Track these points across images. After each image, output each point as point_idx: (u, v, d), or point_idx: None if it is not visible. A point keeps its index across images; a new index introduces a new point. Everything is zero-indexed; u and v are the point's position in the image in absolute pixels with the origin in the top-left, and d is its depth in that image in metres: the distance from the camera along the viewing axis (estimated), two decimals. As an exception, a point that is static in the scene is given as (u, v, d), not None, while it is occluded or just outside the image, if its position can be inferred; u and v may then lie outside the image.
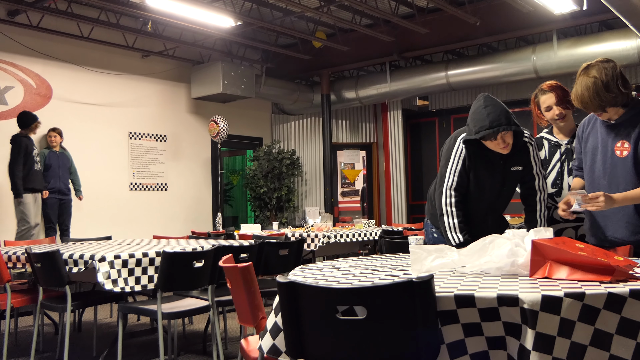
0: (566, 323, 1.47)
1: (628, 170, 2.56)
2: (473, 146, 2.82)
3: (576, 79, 2.59)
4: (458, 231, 2.81)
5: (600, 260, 1.73)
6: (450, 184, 2.83)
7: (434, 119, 10.94)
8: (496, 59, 8.47)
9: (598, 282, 1.67)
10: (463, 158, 2.82)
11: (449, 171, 2.85)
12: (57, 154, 7.36)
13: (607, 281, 1.68)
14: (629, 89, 2.54)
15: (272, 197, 9.70)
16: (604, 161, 2.65)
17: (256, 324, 2.21)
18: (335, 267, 2.31)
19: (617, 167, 2.60)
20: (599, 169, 2.67)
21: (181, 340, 4.79)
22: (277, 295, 1.72)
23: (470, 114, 2.78)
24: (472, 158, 2.83)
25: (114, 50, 8.25)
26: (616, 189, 2.59)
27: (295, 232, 6.31)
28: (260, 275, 4.28)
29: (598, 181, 2.67)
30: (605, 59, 2.57)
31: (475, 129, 2.68)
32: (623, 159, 2.58)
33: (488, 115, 2.66)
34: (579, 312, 1.49)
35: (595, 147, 2.70)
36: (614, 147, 2.62)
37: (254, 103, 10.21)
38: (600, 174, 2.66)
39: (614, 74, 2.51)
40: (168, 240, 4.89)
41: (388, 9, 7.66)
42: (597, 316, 1.50)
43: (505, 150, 2.76)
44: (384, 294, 1.55)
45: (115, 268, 3.38)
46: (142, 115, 8.65)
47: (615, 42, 7.40)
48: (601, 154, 2.67)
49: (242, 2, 7.63)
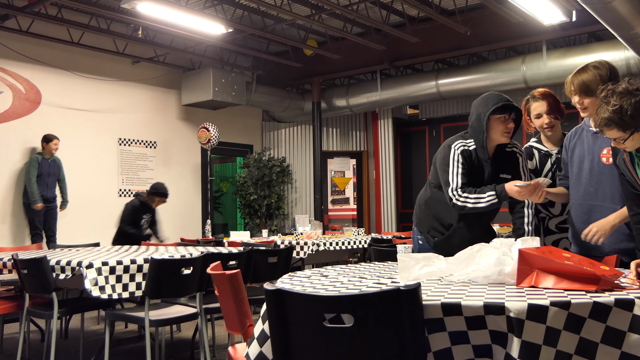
0: (552, 332, 1.48)
1: (614, 177, 2.59)
2: (466, 153, 2.87)
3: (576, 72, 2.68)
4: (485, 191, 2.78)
5: (586, 269, 1.74)
6: (456, 186, 2.82)
7: (424, 128, 10.98)
8: (486, 69, 8.53)
9: (584, 292, 1.68)
10: (462, 162, 2.85)
11: (451, 175, 2.85)
12: (49, 162, 7.33)
13: (593, 290, 1.69)
14: None
15: (262, 205, 9.69)
16: (590, 168, 2.68)
17: (244, 331, 2.20)
18: (324, 275, 2.31)
19: (604, 174, 2.63)
20: (585, 176, 2.70)
21: (169, 347, 4.75)
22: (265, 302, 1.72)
23: (477, 101, 2.91)
24: (467, 162, 2.87)
25: (104, 56, 8.23)
26: (603, 195, 2.62)
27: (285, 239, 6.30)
28: (249, 283, 4.26)
29: (585, 188, 2.70)
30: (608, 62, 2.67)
31: (493, 102, 2.82)
32: (610, 166, 2.61)
33: (503, 96, 2.84)
34: (565, 321, 1.50)
35: (582, 155, 2.73)
36: (600, 155, 2.65)
37: (245, 110, 10.21)
38: (587, 181, 2.69)
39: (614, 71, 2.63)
40: (157, 247, 4.86)
41: (379, 18, 7.70)
42: (583, 325, 1.51)
43: (507, 136, 2.85)
44: (371, 302, 1.55)
45: (102, 275, 3.36)
46: (132, 121, 8.62)
47: (603, 54, 7.47)
48: (588, 162, 2.70)
49: (234, 9, 7.64)
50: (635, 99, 2.09)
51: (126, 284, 3.46)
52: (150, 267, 3.38)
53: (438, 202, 2.99)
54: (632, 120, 2.10)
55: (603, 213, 2.60)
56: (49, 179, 7.35)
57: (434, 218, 3.05)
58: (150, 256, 3.50)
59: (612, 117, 2.12)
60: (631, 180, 2.25)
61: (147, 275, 3.41)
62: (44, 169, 7.28)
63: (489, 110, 2.81)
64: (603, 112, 2.14)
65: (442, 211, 2.98)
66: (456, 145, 2.89)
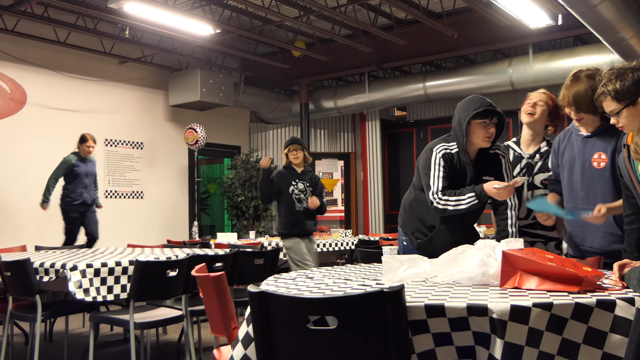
0: (534, 333, 1.49)
1: (605, 181, 2.61)
2: (448, 156, 2.88)
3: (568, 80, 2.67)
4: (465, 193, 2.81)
5: (568, 270, 1.75)
6: (436, 189, 2.84)
7: (412, 130, 11.01)
8: (473, 71, 8.57)
9: (566, 293, 1.69)
10: (443, 165, 2.87)
11: (432, 178, 2.87)
12: (85, 162, 6.96)
13: (575, 291, 1.70)
14: None
15: (250, 206, 9.66)
16: (581, 173, 2.69)
17: (228, 334, 2.19)
18: (309, 276, 2.31)
19: (595, 178, 2.65)
20: (576, 180, 2.71)
21: (154, 350, 4.73)
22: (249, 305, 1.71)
23: (460, 104, 2.90)
24: (449, 166, 2.88)
25: (90, 56, 8.18)
26: (594, 199, 2.63)
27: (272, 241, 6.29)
28: (235, 285, 4.25)
29: (576, 192, 2.71)
30: (595, 68, 2.66)
31: (475, 107, 2.80)
32: (601, 170, 2.63)
33: (485, 100, 2.84)
34: (547, 322, 1.51)
35: (572, 159, 2.74)
36: (591, 159, 2.67)
37: (232, 111, 10.19)
38: (579, 185, 2.70)
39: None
40: (142, 248, 4.84)
41: (367, 20, 7.72)
42: (565, 326, 1.52)
43: (487, 141, 2.85)
44: (354, 304, 1.55)
45: (87, 277, 3.34)
46: (118, 122, 8.57)
47: (589, 57, 7.53)
48: (579, 166, 2.71)
49: (222, 10, 7.62)
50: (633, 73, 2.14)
51: (111, 286, 3.44)
52: (135, 269, 3.36)
53: (422, 204, 3.00)
54: (627, 91, 2.14)
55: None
56: (87, 179, 6.93)
57: (417, 220, 3.07)
58: (136, 258, 3.48)
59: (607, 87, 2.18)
60: (627, 180, 2.26)
61: (132, 278, 3.39)
62: (82, 170, 6.87)
63: (470, 115, 2.81)
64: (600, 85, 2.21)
65: (426, 213, 2.99)
66: (438, 148, 2.90)
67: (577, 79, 2.64)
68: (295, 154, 5.27)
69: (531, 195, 3.13)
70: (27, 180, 7.45)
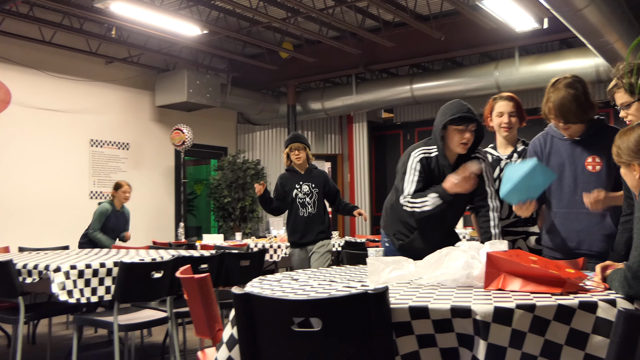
0: (517, 334, 1.50)
1: (602, 184, 2.63)
2: (425, 160, 2.92)
3: (547, 94, 2.65)
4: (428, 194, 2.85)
5: (551, 272, 1.76)
6: (407, 193, 2.90)
7: (399, 132, 11.04)
8: (460, 74, 8.61)
9: (549, 294, 1.70)
10: (419, 170, 2.91)
11: (406, 182, 2.92)
12: (117, 214, 6.48)
13: (558, 293, 1.71)
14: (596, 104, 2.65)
15: (236, 207, 9.64)
16: (574, 177, 2.70)
17: (213, 335, 2.18)
18: (294, 278, 2.30)
19: (591, 182, 2.65)
20: (568, 184, 2.72)
21: (139, 352, 4.70)
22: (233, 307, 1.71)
23: (443, 107, 2.92)
24: (425, 170, 2.92)
25: (76, 56, 8.12)
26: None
27: (259, 242, 6.28)
28: (221, 287, 4.24)
29: (569, 197, 2.72)
30: (574, 75, 2.66)
31: (452, 112, 2.83)
32: (597, 174, 2.65)
33: (464, 106, 2.86)
34: (530, 323, 1.51)
35: (562, 163, 2.74)
36: (584, 163, 2.68)
37: (219, 112, 10.16)
38: (572, 189, 2.71)
39: (587, 89, 2.63)
40: (127, 250, 4.80)
41: (354, 22, 7.73)
42: (547, 327, 1.53)
43: (463, 148, 2.87)
44: (339, 306, 1.55)
45: (70, 279, 3.31)
46: (104, 122, 8.51)
47: (574, 60, 7.60)
48: (570, 170, 2.71)
49: (209, 11, 7.60)
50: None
51: (95, 287, 3.41)
52: (119, 270, 3.34)
53: (402, 206, 3.02)
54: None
55: (590, 220, 2.65)
56: (113, 234, 6.46)
57: (399, 221, 3.10)
58: (120, 260, 3.45)
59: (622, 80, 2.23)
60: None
61: (117, 279, 3.37)
62: (111, 222, 6.40)
63: (445, 120, 2.84)
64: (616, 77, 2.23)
65: (406, 215, 3.02)
66: (416, 153, 2.95)
67: (557, 90, 2.62)
68: (297, 154, 4.85)
69: None
70: (10, 181, 7.38)
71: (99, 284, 3.42)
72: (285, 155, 4.93)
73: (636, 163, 1.93)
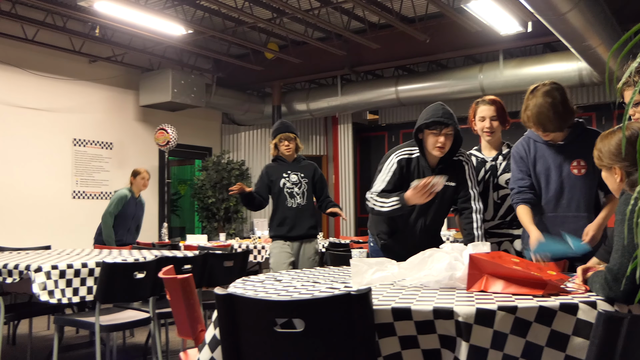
0: (499, 335, 1.51)
1: (588, 187, 2.67)
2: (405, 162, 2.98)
3: (526, 101, 2.66)
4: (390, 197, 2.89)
5: (533, 274, 1.78)
6: (374, 190, 2.99)
7: (384, 134, 11.07)
8: (445, 76, 8.65)
9: (531, 296, 1.71)
10: (394, 171, 2.97)
11: (378, 180, 3.02)
12: (135, 201, 6.27)
13: (540, 295, 1.72)
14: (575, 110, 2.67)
15: (220, 208, 9.60)
16: (560, 181, 2.72)
17: (195, 336, 2.17)
18: (277, 279, 2.30)
19: (576, 185, 2.69)
20: (554, 189, 2.74)
21: (121, 353, 4.66)
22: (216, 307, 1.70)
23: (423, 110, 2.96)
24: (402, 172, 2.97)
25: (59, 54, 8.04)
26: (577, 206, 2.68)
27: (242, 243, 6.26)
28: (205, 287, 4.21)
29: (556, 201, 2.74)
30: (553, 82, 2.67)
31: (427, 116, 2.88)
32: (582, 177, 2.68)
33: (443, 110, 2.89)
34: (512, 324, 1.52)
35: (548, 168, 2.76)
36: (569, 167, 2.70)
37: (204, 112, 10.11)
38: (558, 193, 2.73)
39: (566, 96, 2.63)
40: (110, 250, 4.76)
41: (340, 23, 7.74)
42: (529, 329, 1.54)
43: (439, 151, 2.90)
44: (322, 307, 1.55)
45: (52, 279, 3.27)
46: (87, 121, 8.44)
47: (557, 64, 7.67)
48: (556, 174, 2.73)
49: (194, 11, 7.57)
50: None
51: (76, 288, 3.38)
52: (101, 270, 3.31)
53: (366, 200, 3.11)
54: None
55: (577, 223, 2.67)
56: (132, 222, 6.26)
57: (382, 222, 3.14)
58: (102, 260, 3.42)
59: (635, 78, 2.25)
60: None
61: (99, 279, 3.34)
62: (129, 210, 6.17)
63: (420, 124, 2.91)
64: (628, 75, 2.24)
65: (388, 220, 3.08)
66: (398, 153, 3.02)
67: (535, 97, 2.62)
68: (287, 145, 4.47)
69: (497, 196, 3.18)
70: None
71: (80, 284, 3.39)
72: (272, 146, 4.54)
73: (617, 166, 1.95)
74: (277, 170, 4.48)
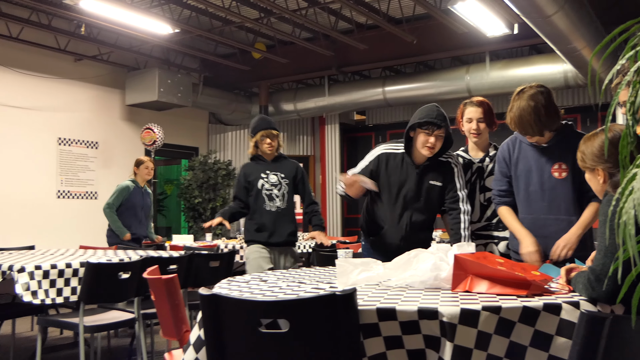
0: (483, 336, 1.51)
1: (568, 191, 2.67)
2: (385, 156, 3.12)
3: (512, 103, 2.66)
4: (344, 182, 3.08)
5: (517, 274, 1.79)
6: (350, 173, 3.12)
7: (371, 134, 11.09)
8: (432, 77, 8.69)
9: (515, 296, 1.72)
10: (370, 161, 3.15)
11: (357, 167, 3.19)
12: (142, 191, 6.12)
13: (524, 295, 1.73)
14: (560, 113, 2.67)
15: (207, 208, 9.56)
16: (541, 183, 2.73)
17: (179, 337, 2.16)
18: (263, 279, 2.29)
19: (557, 188, 2.69)
20: (535, 191, 2.75)
21: (105, 354, 4.63)
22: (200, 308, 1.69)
23: (420, 109, 3.05)
24: (381, 165, 3.11)
25: (44, 53, 7.96)
26: (557, 209, 2.69)
27: (229, 243, 6.23)
28: (190, 288, 4.19)
29: (536, 203, 2.75)
30: (539, 85, 2.67)
31: (421, 115, 2.97)
32: (562, 180, 2.68)
33: (438, 112, 2.98)
34: (496, 325, 1.53)
35: (529, 170, 2.77)
36: (550, 170, 2.71)
37: (191, 112, 10.07)
38: (538, 196, 2.74)
39: (551, 99, 2.62)
40: (95, 250, 4.73)
41: (327, 24, 7.74)
42: (513, 329, 1.55)
43: (428, 150, 2.98)
44: (306, 307, 1.55)
45: (35, 279, 3.24)
46: (72, 120, 8.37)
47: (543, 66, 7.73)
48: (537, 177, 2.74)
49: (181, 10, 7.53)
50: None
51: (60, 288, 3.35)
52: (86, 271, 3.29)
53: (374, 203, 3.18)
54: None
55: (558, 225, 2.67)
56: (142, 212, 6.08)
57: (371, 220, 3.21)
58: (87, 260, 3.40)
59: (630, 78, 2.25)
60: None
61: (83, 280, 3.31)
62: (137, 200, 6.01)
63: (414, 122, 2.99)
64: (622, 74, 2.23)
65: (376, 214, 3.16)
66: (383, 147, 3.17)
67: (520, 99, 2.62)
68: (269, 143, 4.09)
69: (483, 198, 3.19)
70: (-25, 179, 7.21)
71: (64, 285, 3.36)
72: (252, 144, 4.15)
73: (600, 168, 1.97)
74: (255, 170, 4.11)
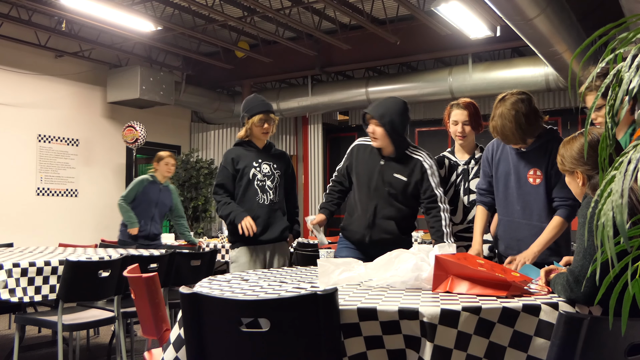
0: (463, 336, 1.52)
1: (540, 198, 2.69)
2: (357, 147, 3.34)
3: (494, 110, 2.66)
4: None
5: (497, 275, 1.80)
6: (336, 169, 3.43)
7: (354, 134, 11.09)
8: (415, 78, 8.72)
9: (495, 297, 1.73)
10: (348, 155, 3.37)
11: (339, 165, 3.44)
12: (159, 187, 5.72)
13: (503, 296, 1.75)
14: (542, 119, 2.68)
15: (188, 207, 9.51)
16: (517, 187, 2.75)
17: (159, 336, 2.15)
18: (244, 279, 2.29)
19: (531, 194, 2.71)
20: (512, 194, 2.77)
21: (84, 352, 4.58)
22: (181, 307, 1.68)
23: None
24: (358, 155, 3.29)
25: (24, 48, 7.86)
26: (530, 214, 2.71)
27: (210, 242, 6.21)
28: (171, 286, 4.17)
29: (512, 206, 2.78)
30: (520, 92, 2.66)
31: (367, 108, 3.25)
32: (536, 187, 2.70)
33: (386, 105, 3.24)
34: (475, 325, 1.54)
35: (508, 172, 2.79)
36: (526, 175, 2.73)
37: (173, 110, 10.01)
38: (515, 199, 2.77)
39: (532, 107, 2.62)
40: (74, 248, 4.68)
41: (311, 23, 7.74)
42: (492, 329, 1.56)
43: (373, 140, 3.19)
44: (287, 307, 1.55)
45: (13, 277, 3.20)
46: (52, 117, 8.27)
47: (525, 69, 7.79)
48: (514, 180, 2.76)
49: (164, 7, 7.48)
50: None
51: (39, 286, 3.31)
52: (65, 269, 3.25)
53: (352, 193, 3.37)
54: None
55: (530, 230, 2.70)
56: (156, 210, 5.68)
57: (347, 208, 3.40)
58: (66, 258, 3.36)
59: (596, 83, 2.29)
60: None
61: (62, 278, 3.28)
62: (152, 195, 5.62)
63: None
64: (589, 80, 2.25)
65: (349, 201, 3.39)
66: (357, 140, 3.39)
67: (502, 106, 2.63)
68: (267, 129, 3.65)
69: (467, 200, 3.21)
70: (-48, 175, 7.10)
71: (43, 283, 3.33)
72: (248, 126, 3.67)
73: (579, 170, 1.99)
74: (245, 157, 3.63)
